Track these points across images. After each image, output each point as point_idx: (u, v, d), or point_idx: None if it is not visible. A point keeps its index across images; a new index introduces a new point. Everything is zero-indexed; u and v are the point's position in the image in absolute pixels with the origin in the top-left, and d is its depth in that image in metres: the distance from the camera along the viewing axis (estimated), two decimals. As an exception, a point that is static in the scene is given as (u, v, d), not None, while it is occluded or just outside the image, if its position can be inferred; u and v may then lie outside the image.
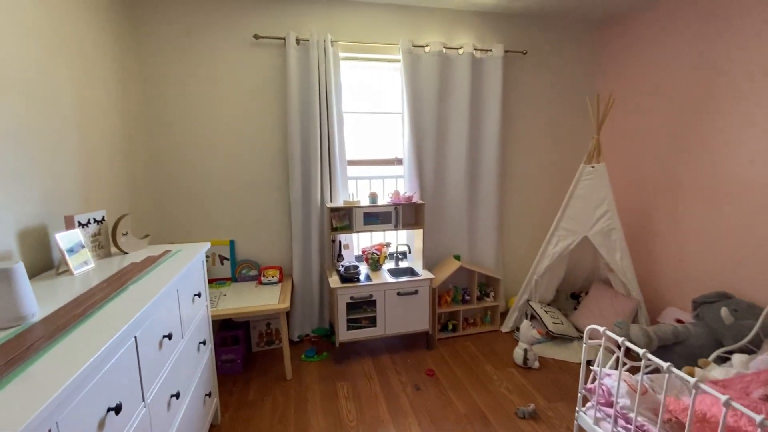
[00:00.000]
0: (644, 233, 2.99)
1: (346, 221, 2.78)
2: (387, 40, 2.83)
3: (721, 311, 2.19)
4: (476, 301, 3.09)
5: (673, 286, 2.78)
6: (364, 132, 3.10)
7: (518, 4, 2.85)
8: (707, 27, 2.45)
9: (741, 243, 2.34)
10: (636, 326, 2.35)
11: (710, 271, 2.52)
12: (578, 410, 1.75)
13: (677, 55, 2.65)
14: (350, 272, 2.65)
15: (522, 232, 3.44)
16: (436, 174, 3.09)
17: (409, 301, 2.73)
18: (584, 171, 2.74)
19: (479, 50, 2.96)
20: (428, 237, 3.13)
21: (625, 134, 3.11)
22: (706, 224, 2.53)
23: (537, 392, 2.36)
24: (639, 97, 2.96)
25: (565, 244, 2.82)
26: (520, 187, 3.36)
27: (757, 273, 2.27)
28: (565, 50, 3.24)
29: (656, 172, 2.86)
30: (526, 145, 3.31)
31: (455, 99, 2.99)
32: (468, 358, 2.75)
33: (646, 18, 2.86)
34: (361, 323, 2.71)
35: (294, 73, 2.63)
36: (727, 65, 2.36)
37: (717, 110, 2.42)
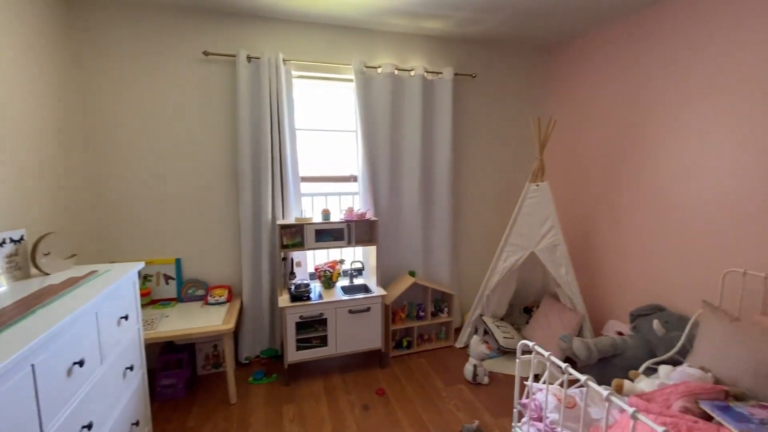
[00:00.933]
0: (586, 248, 3.11)
1: (298, 238, 2.75)
2: (340, 61, 2.89)
3: (653, 323, 2.30)
4: (431, 317, 3.11)
5: (614, 300, 2.90)
6: (319, 149, 3.12)
7: (467, 29, 2.99)
8: (632, 55, 2.64)
9: (671, 257, 2.48)
10: (578, 340, 2.42)
11: (646, 284, 2.65)
12: (514, 426, 1.76)
13: (611, 79, 2.83)
14: (300, 290, 2.61)
15: (475, 248, 3.51)
16: (391, 191, 3.12)
17: (362, 318, 2.71)
18: (529, 189, 2.85)
19: (430, 72, 3.07)
20: (384, 253, 3.13)
21: (567, 154, 3.27)
22: (641, 240, 2.67)
23: (484, 408, 2.37)
24: (579, 118, 3.13)
25: (514, 260, 2.89)
26: (473, 205, 3.45)
27: (685, 286, 2.40)
28: (512, 74, 3.40)
29: (596, 190, 3.01)
30: (476, 164, 3.41)
31: (408, 119, 3.07)
32: (420, 375, 2.74)
33: (585, 44, 3.06)
34: (312, 343, 2.66)
35: (244, 90, 2.63)
36: (649, 91, 2.54)
37: (647, 133, 2.59)
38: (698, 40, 2.25)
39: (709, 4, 2.18)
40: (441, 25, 2.90)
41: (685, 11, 2.31)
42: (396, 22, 2.82)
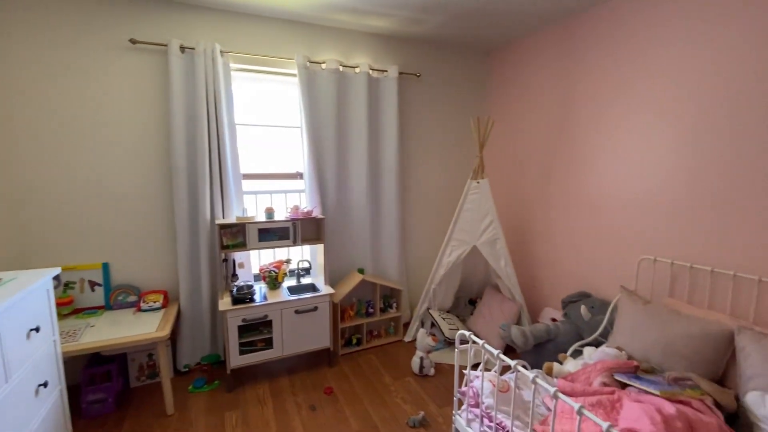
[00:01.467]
0: (523, 241, 3.31)
1: (239, 238, 2.65)
2: (282, 55, 2.81)
3: (581, 309, 2.49)
4: (380, 313, 3.13)
5: (549, 288, 3.10)
6: (263, 145, 3.02)
7: (410, 29, 3.03)
8: (561, 60, 2.84)
9: (596, 247, 2.70)
10: (516, 328, 2.56)
11: (575, 272, 2.86)
12: (454, 413, 1.83)
13: (544, 83, 3.02)
14: (243, 292, 2.52)
15: (423, 244, 3.60)
16: (338, 188, 3.10)
17: (309, 318, 2.67)
18: (471, 186, 2.97)
19: (375, 70, 3.08)
20: (332, 252, 3.11)
21: (506, 152, 3.44)
22: (570, 232, 2.88)
23: (430, 399, 2.44)
24: (516, 119, 3.31)
25: (458, 254, 3.00)
26: (419, 201, 3.53)
27: (608, 273, 2.62)
28: (454, 75, 3.51)
29: (531, 186, 3.20)
30: (423, 162, 3.49)
31: (354, 116, 3.06)
32: (369, 371, 2.76)
33: (520, 49, 3.23)
34: (257, 346, 2.58)
35: (178, 82, 2.48)
36: (576, 94, 2.74)
37: (574, 133, 2.79)
38: (617, 48, 2.46)
39: (626, 13, 2.39)
40: (385, 24, 2.92)
41: (607, 20, 2.51)
42: (340, 17, 2.80)
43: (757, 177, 1.84)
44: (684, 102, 2.11)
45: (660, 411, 1.34)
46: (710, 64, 1.99)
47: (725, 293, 1.96)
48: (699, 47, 2.03)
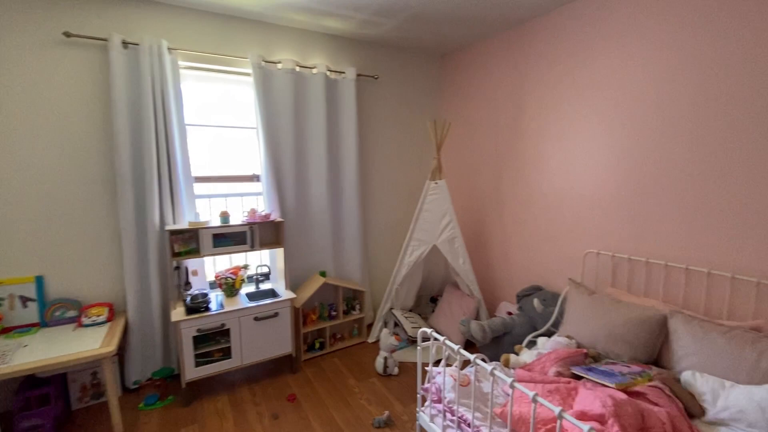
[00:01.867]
0: (480, 239, 3.43)
1: (192, 245, 2.53)
2: (236, 53, 2.72)
3: (534, 302, 2.63)
4: (343, 316, 3.12)
5: (504, 283, 3.25)
6: (217, 147, 2.90)
7: (367, 31, 3.05)
8: (511, 66, 2.98)
9: (546, 243, 2.86)
10: (475, 323, 2.65)
11: (528, 267, 3.02)
12: (418, 410, 1.86)
13: (496, 87, 3.15)
14: (198, 301, 2.40)
15: (385, 244, 3.63)
16: (298, 191, 3.05)
17: (269, 325, 2.60)
18: (430, 187, 3.03)
19: (333, 71, 3.06)
20: (293, 255, 3.05)
21: (462, 154, 3.56)
22: (523, 229, 3.03)
23: (395, 398, 2.46)
24: (471, 121, 3.43)
25: (419, 253, 3.05)
26: (380, 202, 3.55)
27: (557, 267, 2.79)
28: (412, 78, 3.58)
29: (485, 186, 3.33)
30: (382, 163, 3.52)
31: (312, 117, 3.03)
32: (333, 375, 2.74)
33: (473, 53, 3.35)
34: (214, 356, 2.47)
35: (120, 79, 2.32)
36: (525, 98, 2.89)
37: (524, 135, 2.94)
38: (563, 55, 2.62)
39: (570, 24, 2.56)
40: (342, 25, 2.92)
41: (553, 30, 2.67)
42: (296, 17, 2.75)
43: (680, 176, 2.04)
44: (622, 107, 2.30)
45: (612, 396, 1.43)
46: (644, 72, 2.17)
47: (658, 281, 2.15)
48: (634, 56, 2.21)
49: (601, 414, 1.29)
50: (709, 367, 1.58)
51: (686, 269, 2.02)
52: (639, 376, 1.66)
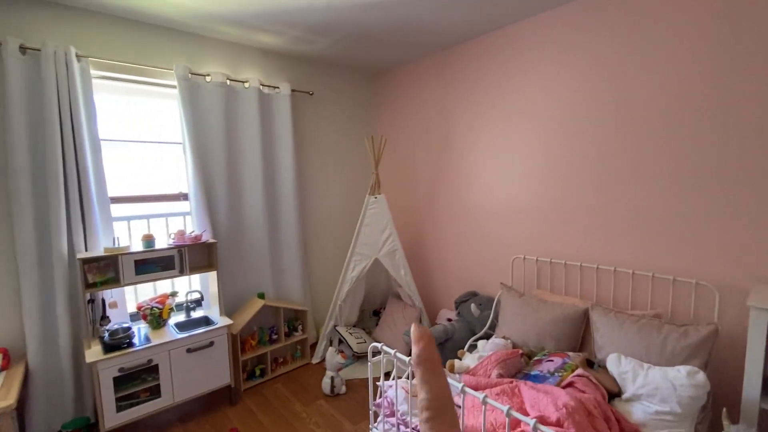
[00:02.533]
0: (419, 250, 3.57)
1: (110, 273, 2.25)
2: (159, 64, 2.54)
3: (471, 307, 2.79)
4: (285, 338, 2.99)
5: (443, 291, 3.40)
6: (137, 164, 2.65)
7: (301, 48, 3.05)
8: (442, 86, 3.20)
9: (478, 250, 3.06)
10: (419, 332, 2.72)
11: (464, 275, 3.20)
12: (371, 427, 1.85)
13: (428, 105, 3.34)
14: (118, 337, 2.14)
15: (326, 261, 3.58)
16: (231, 209, 2.89)
17: (204, 356, 2.40)
18: (369, 201, 3.09)
19: (267, 86, 3.00)
20: (227, 278, 2.87)
21: (399, 168, 3.69)
22: (457, 238, 3.21)
23: (344, 418, 2.42)
24: (406, 137, 3.58)
25: (361, 268, 3.07)
26: (320, 219, 3.52)
27: (490, 272, 3.00)
28: (347, 94, 3.64)
29: (422, 199, 3.49)
30: (321, 179, 3.50)
31: (246, 132, 2.91)
32: (277, 402, 2.60)
33: (406, 73, 3.52)
34: (140, 397, 2.20)
35: (16, 88, 2.02)
36: (455, 116, 3.11)
37: (456, 150, 3.15)
38: (488, 77, 2.87)
39: (495, 47, 2.82)
40: (275, 41, 2.88)
41: (479, 53, 2.92)
42: (226, 30, 2.66)
43: (586, 187, 2.35)
44: (538, 126, 2.58)
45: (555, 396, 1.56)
46: (554, 95, 2.48)
47: (576, 281, 2.43)
48: (546, 80, 2.52)
49: (558, 419, 1.42)
50: (625, 352, 1.82)
51: (597, 268, 2.32)
52: (563, 369, 1.85)
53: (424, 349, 0.27)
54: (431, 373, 0.26)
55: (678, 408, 1.53)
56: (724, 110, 1.83)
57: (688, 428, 1.54)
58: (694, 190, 1.94)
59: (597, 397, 1.59)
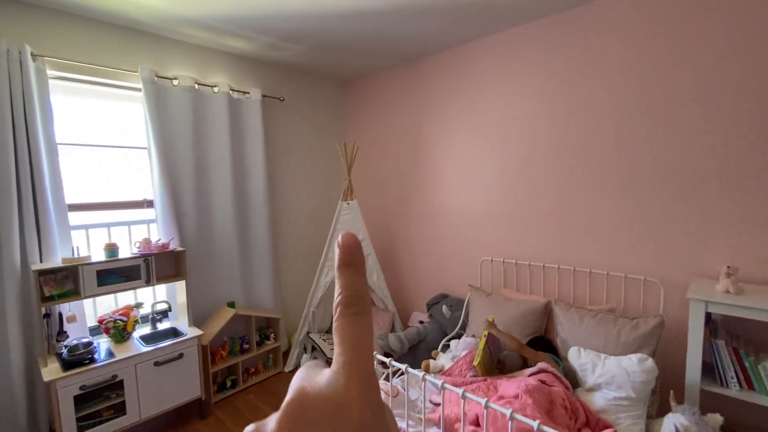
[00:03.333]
0: (391, 255, 3.64)
1: (68, 285, 2.12)
2: (122, 66, 2.44)
3: (442, 308, 2.89)
4: (256, 348, 2.93)
5: (414, 295, 3.48)
6: (98, 169, 2.52)
7: (272, 54, 3.04)
8: (410, 96, 3.31)
9: (448, 254, 3.18)
10: (393, 335, 2.78)
11: (434, 277, 3.30)
12: (351, 430, 1.88)
13: (397, 114, 3.44)
14: (78, 353, 2.01)
15: (298, 268, 3.56)
16: (199, 216, 2.81)
17: (173, 369, 2.31)
18: (342, 207, 3.12)
19: (236, 91, 2.96)
20: (196, 288, 2.77)
21: (371, 175, 3.75)
22: (427, 243, 3.32)
23: (320, 424, 2.41)
24: (377, 144, 3.66)
25: (334, 274, 3.07)
26: (292, 225, 3.50)
27: (459, 275, 3.12)
28: (319, 101, 3.66)
29: (394, 205, 3.57)
30: (293, 186, 3.49)
31: (214, 138, 2.86)
32: (250, 413, 2.55)
33: (376, 82, 3.61)
34: (103, 416, 2.08)
35: (-39, 87, 1.87)
36: (423, 125, 3.23)
37: (424, 158, 3.26)
38: (455, 88, 3.01)
39: (461, 60, 2.96)
40: (246, 46, 2.86)
41: (446, 65, 3.06)
42: (194, 33, 2.61)
43: (546, 192, 2.53)
44: (502, 134, 2.75)
45: (525, 381, 1.67)
46: (516, 106, 2.65)
47: (539, 280, 2.60)
48: (508, 92, 2.69)
49: (517, 394, 1.52)
50: (585, 344, 1.98)
51: (558, 268, 2.49)
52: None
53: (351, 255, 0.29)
54: (358, 274, 0.29)
55: (632, 393, 1.70)
56: (660, 127, 2.06)
57: (642, 411, 1.70)
58: (640, 198, 2.16)
59: (564, 390, 1.72)
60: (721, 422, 1.56)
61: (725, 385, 1.74)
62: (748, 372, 1.71)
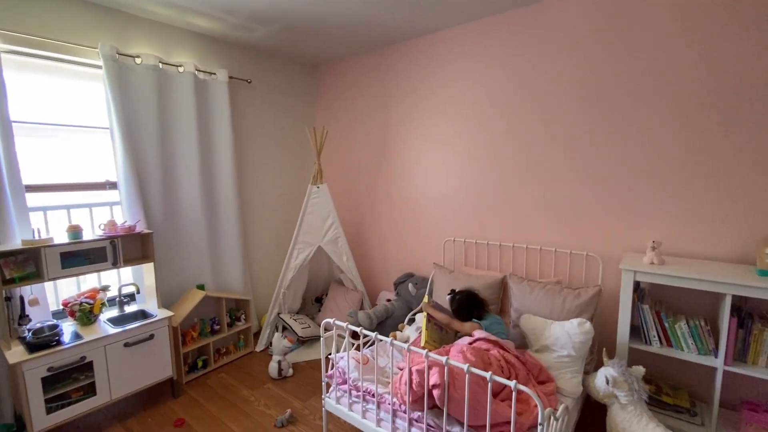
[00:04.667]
0: (361, 236, 3.76)
1: (29, 268, 2.07)
2: (81, 41, 2.34)
3: (409, 287, 3.07)
4: (227, 329, 2.98)
5: (382, 275, 3.64)
6: (60, 150, 2.43)
7: (240, 35, 3.00)
8: (380, 82, 3.39)
9: (414, 235, 3.35)
10: (362, 312, 2.93)
11: (401, 258, 3.47)
12: (324, 397, 2.01)
13: (367, 99, 3.51)
14: (44, 336, 1.99)
15: (268, 250, 3.60)
16: (166, 199, 2.79)
17: (143, 349, 2.32)
18: (312, 191, 3.18)
19: (202, 72, 2.91)
20: (164, 270, 2.76)
21: (341, 160, 3.82)
22: (394, 225, 3.46)
23: (293, 396, 2.53)
24: (347, 129, 3.72)
25: (304, 256, 3.16)
26: (261, 208, 3.52)
27: (424, 255, 3.29)
28: (288, 84, 3.66)
29: (363, 188, 3.67)
30: (262, 169, 3.49)
31: (181, 119, 2.81)
32: (223, 390, 2.62)
33: (345, 67, 3.65)
34: (72, 397, 2.08)
35: None
36: (392, 111, 3.34)
37: (393, 143, 3.37)
38: (419, 76, 3.12)
39: (427, 49, 3.07)
40: (212, 26, 2.81)
41: (410, 55, 3.16)
42: (158, 10, 2.53)
43: (503, 178, 2.73)
44: (466, 123, 2.91)
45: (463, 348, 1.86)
46: (476, 99, 2.81)
47: (496, 257, 2.82)
48: (476, 81, 2.84)
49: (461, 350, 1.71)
50: (535, 312, 2.21)
51: (512, 246, 2.72)
52: None
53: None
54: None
55: (573, 351, 1.94)
56: (599, 124, 2.30)
57: (580, 366, 1.95)
58: (582, 183, 2.41)
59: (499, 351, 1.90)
60: (643, 372, 1.83)
61: (649, 343, 2.03)
62: (667, 331, 2.00)
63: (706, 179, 2.05)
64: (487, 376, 1.38)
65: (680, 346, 1.97)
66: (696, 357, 1.91)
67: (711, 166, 2.03)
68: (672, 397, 2.08)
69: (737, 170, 1.97)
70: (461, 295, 2.24)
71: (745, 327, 1.84)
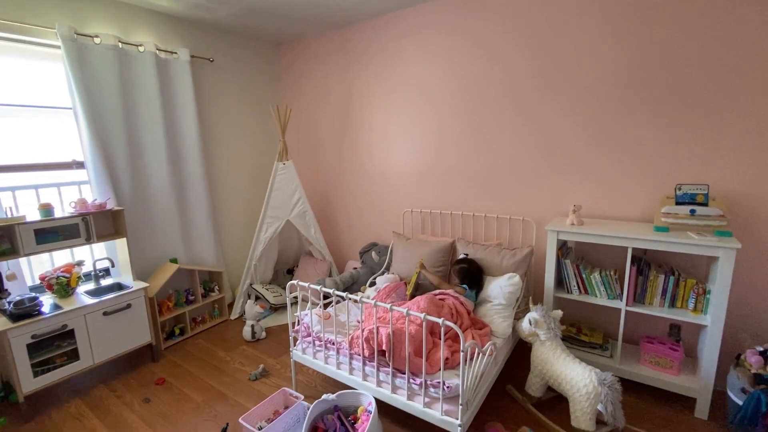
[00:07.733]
0: (327, 210, 3.97)
1: (5, 244, 2.18)
2: (37, 21, 2.36)
3: (372, 255, 3.34)
4: (201, 299, 3.17)
5: (349, 245, 3.89)
6: (23, 131, 2.48)
7: (200, 14, 3.04)
8: (345, 60, 3.52)
9: (377, 207, 3.59)
10: (329, 279, 3.19)
11: (365, 229, 3.72)
12: (291, 349, 2.28)
13: (332, 77, 3.64)
14: (25, 307, 2.14)
15: (238, 224, 3.76)
16: (134, 177, 2.89)
17: (122, 318, 2.50)
18: (278, 167, 3.34)
19: (163, 51, 2.96)
20: (136, 246, 2.90)
21: (306, 136, 3.97)
22: (359, 198, 3.69)
23: (266, 355, 2.79)
24: (311, 106, 3.85)
25: (273, 229, 3.36)
26: (230, 184, 3.65)
27: (385, 225, 3.55)
28: (250, 63, 3.72)
29: (328, 164, 3.86)
30: (229, 146, 3.60)
31: (144, 98, 2.88)
32: (201, 353, 2.84)
33: (308, 45, 3.74)
34: (56, 362, 2.26)
35: None
36: (357, 88, 3.49)
37: (358, 119, 3.55)
38: (380, 54, 3.28)
39: (390, 27, 3.21)
40: (171, 4, 2.84)
41: (372, 33, 3.29)
42: (113, -10, 2.56)
43: (457, 152, 2.99)
44: (425, 100, 3.12)
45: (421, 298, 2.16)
46: (437, 74, 3.02)
47: (450, 225, 3.12)
48: (430, 62, 3.04)
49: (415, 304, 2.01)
50: (475, 268, 2.54)
51: (461, 215, 3.02)
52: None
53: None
54: None
55: (503, 300, 2.28)
56: (531, 101, 2.57)
57: (510, 313, 2.30)
58: (520, 157, 2.70)
59: (454, 301, 2.24)
60: (560, 315, 2.18)
61: (570, 292, 2.39)
62: (585, 281, 2.36)
63: (619, 152, 2.38)
64: (440, 322, 1.66)
65: (594, 293, 2.34)
66: (606, 301, 2.29)
67: (622, 140, 2.36)
68: (589, 336, 2.47)
69: (643, 144, 2.30)
70: (474, 266, 2.52)
71: (644, 274, 2.21)
